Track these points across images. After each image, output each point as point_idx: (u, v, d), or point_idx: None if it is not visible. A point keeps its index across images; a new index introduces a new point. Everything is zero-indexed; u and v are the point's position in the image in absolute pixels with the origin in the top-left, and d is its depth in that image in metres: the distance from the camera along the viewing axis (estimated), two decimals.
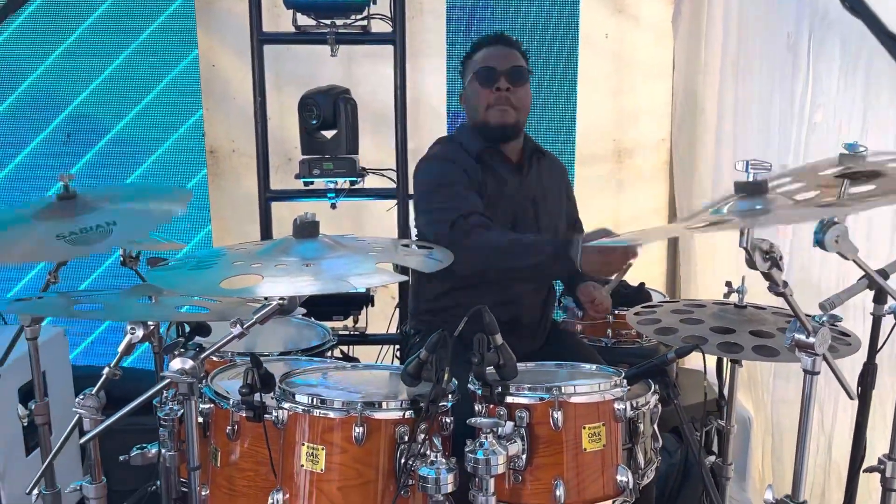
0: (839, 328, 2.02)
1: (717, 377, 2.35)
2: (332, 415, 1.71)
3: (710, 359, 2.07)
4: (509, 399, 1.77)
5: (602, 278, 2.26)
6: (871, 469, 2.04)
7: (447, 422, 1.79)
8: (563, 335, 2.70)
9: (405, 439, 1.70)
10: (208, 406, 1.93)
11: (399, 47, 3.20)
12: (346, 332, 3.25)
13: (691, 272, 4.04)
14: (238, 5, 3.44)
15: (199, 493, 1.69)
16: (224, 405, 1.90)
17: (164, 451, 1.98)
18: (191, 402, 1.61)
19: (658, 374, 1.97)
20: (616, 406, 1.82)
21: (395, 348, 3.37)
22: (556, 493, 1.74)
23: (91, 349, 3.86)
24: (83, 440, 1.67)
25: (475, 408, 1.83)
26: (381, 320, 3.39)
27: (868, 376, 2.04)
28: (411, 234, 3.15)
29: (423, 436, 1.68)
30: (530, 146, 2.60)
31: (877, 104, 2.45)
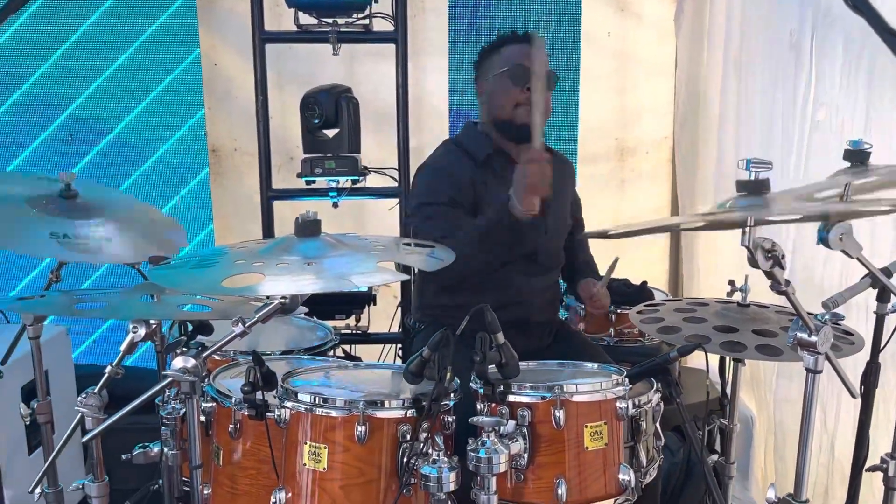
0: (842, 327, 2.01)
1: (719, 376, 2.35)
2: (335, 413, 1.71)
3: (713, 358, 2.06)
4: (511, 398, 1.78)
5: (542, 192, 2.17)
6: (873, 468, 2.04)
7: (449, 420, 1.79)
8: (569, 334, 2.70)
9: (407, 438, 1.70)
10: (210, 405, 1.93)
11: (401, 46, 3.20)
12: (349, 331, 3.25)
13: (694, 271, 4.04)
14: (240, 4, 3.44)
15: (202, 491, 1.69)
16: (226, 404, 1.90)
17: (166, 450, 1.98)
18: (193, 401, 1.60)
19: (660, 372, 1.96)
20: (618, 405, 1.81)
21: (398, 347, 3.37)
22: (558, 492, 1.74)
23: (93, 348, 3.86)
24: (85, 439, 1.68)
25: (477, 406, 1.83)
26: (384, 319, 3.38)
27: (871, 375, 2.04)
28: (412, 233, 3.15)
29: (425, 434, 1.69)
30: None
31: (879, 102, 2.45)
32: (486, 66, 2.50)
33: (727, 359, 2.26)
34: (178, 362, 1.55)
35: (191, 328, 1.94)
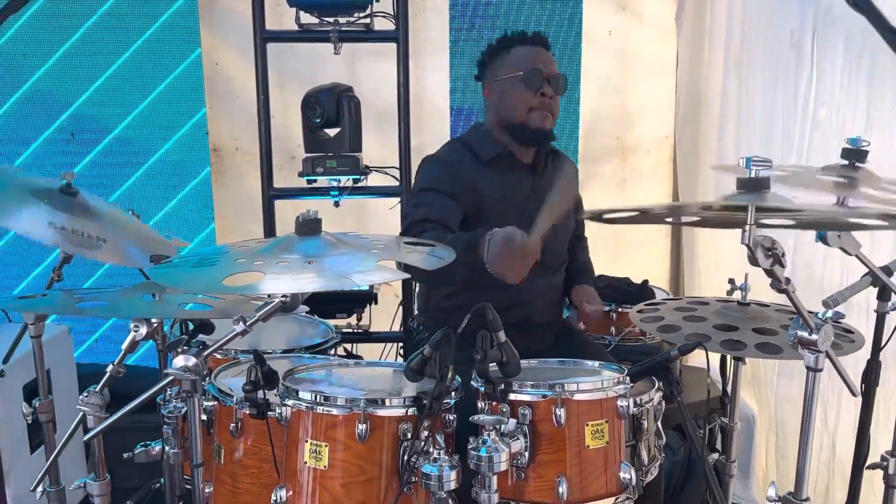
0: (842, 325, 2.01)
1: (720, 374, 2.35)
2: (336, 412, 1.71)
3: (714, 356, 2.06)
4: (512, 396, 1.78)
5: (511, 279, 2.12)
6: (874, 466, 2.05)
7: (450, 419, 1.79)
8: (571, 333, 2.69)
9: (408, 436, 1.70)
10: (212, 403, 1.94)
11: (402, 45, 3.20)
12: (350, 330, 3.26)
13: (695, 270, 4.04)
14: (241, 3, 3.45)
15: (203, 490, 1.69)
16: (227, 402, 1.90)
17: (167, 449, 1.99)
18: (194, 400, 1.61)
19: (661, 371, 1.97)
20: (619, 403, 1.81)
21: (399, 346, 3.38)
22: (559, 490, 1.74)
23: (95, 347, 3.87)
24: (87, 437, 1.68)
25: (478, 405, 1.83)
26: (385, 318, 3.39)
27: (872, 373, 2.04)
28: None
29: (426, 433, 1.69)
30: (545, 148, 2.53)
31: (880, 101, 2.45)
32: (495, 67, 2.45)
33: (728, 357, 2.26)
34: (180, 361, 1.56)
35: (192, 327, 1.94)
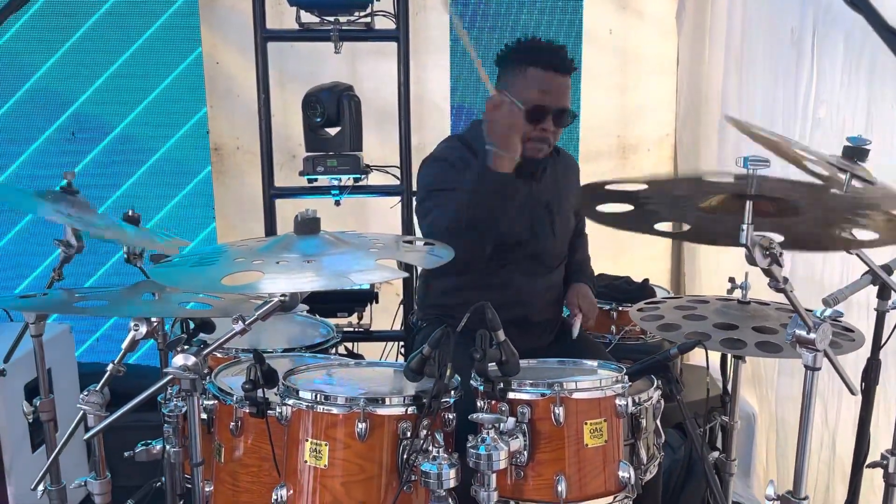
0: (842, 323, 2.01)
1: (720, 373, 2.35)
2: (336, 411, 1.71)
3: (714, 355, 2.07)
4: (511, 395, 1.78)
5: (516, 131, 2.14)
6: (874, 464, 2.05)
7: (449, 417, 1.79)
8: (570, 331, 2.69)
9: (408, 435, 1.70)
10: (212, 402, 1.94)
11: (402, 44, 3.20)
12: (351, 329, 3.26)
13: (695, 269, 4.04)
14: (241, 3, 3.45)
15: (203, 488, 1.70)
16: (228, 401, 1.91)
17: (168, 448, 1.99)
18: (193, 399, 1.61)
19: (660, 370, 1.97)
20: (618, 402, 1.81)
21: (400, 345, 3.38)
22: (558, 489, 1.74)
23: (96, 346, 3.88)
24: (87, 436, 1.68)
25: (477, 403, 1.83)
26: (386, 317, 3.39)
27: (871, 372, 2.04)
28: (415, 230, 3.15)
29: (425, 432, 1.69)
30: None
31: (881, 100, 2.44)
32: (507, 77, 2.40)
33: (728, 356, 2.26)
34: (179, 360, 1.56)
35: (192, 326, 1.95)
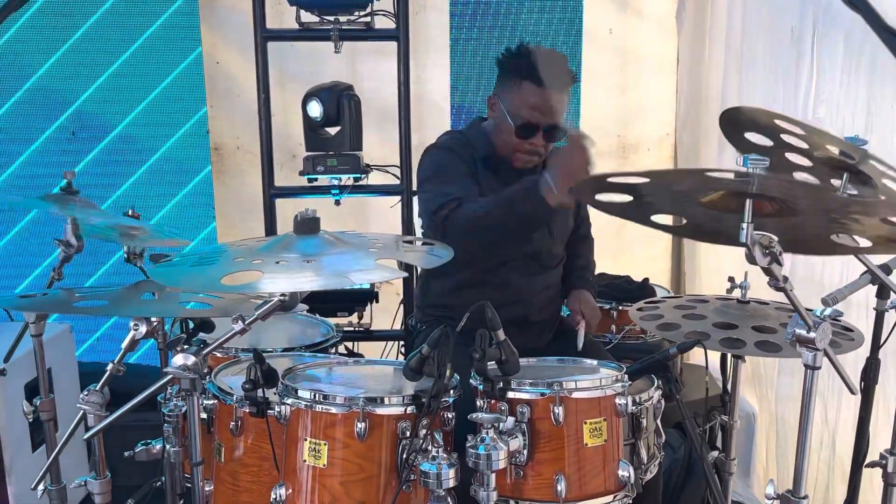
0: (842, 323, 2.01)
1: (720, 373, 2.35)
2: (335, 410, 1.72)
3: (714, 354, 2.07)
4: (511, 394, 1.78)
5: (581, 180, 2.13)
6: (872, 464, 2.05)
7: (449, 417, 1.79)
8: (570, 331, 2.69)
9: (407, 434, 1.70)
10: (212, 402, 1.94)
11: (402, 44, 3.20)
12: (351, 329, 3.26)
13: (696, 268, 4.04)
14: (241, 2, 3.45)
15: (203, 488, 1.70)
16: (227, 401, 1.91)
17: (168, 447, 1.99)
18: (193, 398, 1.61)
19: (660, 369, 1.97)
20: (617, 401, 1.82)
21: (400, 345, 3.38)
22: (558, 488, 1.75)
23: (97, 346, 3.88)
24: (87, 436, 1.69)
25: (477, 403, 1.83)
26: (386, 317, 3.39)
27: (871, 371, 2.04)
28: (416, 230, 3.16)
29: (424, 431, 1.69)
30: None
31: (881, 99, 2.44)
32: (502, 86, 2.41)
33: (728, 355, 2.26)
34: (179, 359, 1.56)
35: (192, 326, 1.95)
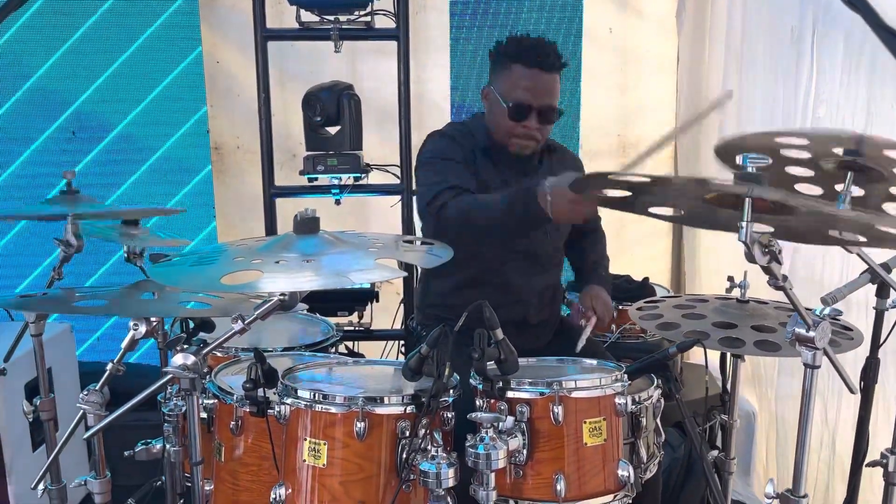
0: (841, 322, 2.01)
1: (720, 372, 2.35)
2: (334, 410, 1.72)
3: (714, 354, 2.06)
4: (510, 394, 1.78)
5: (575, 220, 2.14)
6: (873, 463, 2.04)
7: (448, 417, 1.79)
8: (570, 331, 2.70)
9: (406, 434, 1.70)
10: (212, 401, 1.94)
11: (403, 43, 3.20)
12: (351, 328, 3.26)
13: (696, 267, 4.04)
14: (241, 2, 3.45)
15: (203, 487, 1.70)
16: (228, 400, 1.91)
17: (168, 447, 1.99)
18: (192, 398, 1.61)
19: (659, 368, 1.97)
20: (617, 401, 1.82)
21: (400, 344, 3.38)
22: (557, 488, 1.75)
23: (98, 345, 3.88)
24: (86, 436, 1.69)
25: (476, 403, 1.84)
26: (386, 316, 3.39)
27: (870, 370, 2.04)
28: (416, 229, 3.16)
29: (424, 431, 1.69)
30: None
31: (881, 99, 2.44)
32: (494, 74, 2.43)
33: (728, 354, 2.26)
34: (178, 359, 1.56)
35: (193, 326, 1.95)
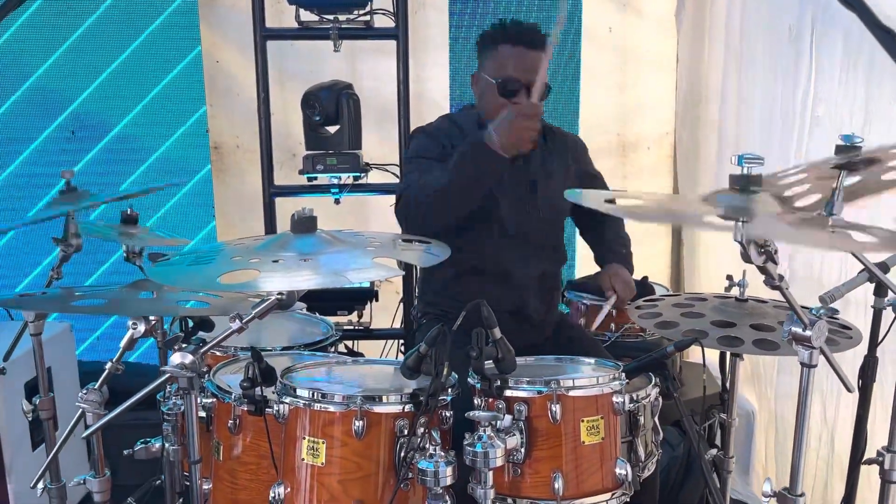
0: (839, 321, 2.01)
1: (719, 371, 2.36)
2: (333, 408, 1.72)
3: (713, 352, 2.06)
4: (508, 392, 1.79)
5: (523, 146, 2.21)
6: (869, 461, 2.05)
7: (446, 415, 1.80)
8: (569, 328, 2.70)
9: (405, 433, 1.71)
10: (210, 400, 1.94)
11: (402, 42, 3.20)
12: (351, 328, 3.27)
13: (695, 266, 4.04)
14: (241, 1, 3.45)
15: (201, 486, 1.70)
16: (226, 399, 1.91)
17: (167, 446, 2.00)
18: (191, 397, 1.62)
19: (657, 367, 1.97)
20: (615, 399, 1.82)
21: (400, 343, 3.38)
22: (555, 486, 1.75)
23: (97, 344, 3.88)
24: (85, 435, 1.70)
25: (474, 401, 1.84)
26: (386, 316, 3.39)
27: (869, 369, 2.04)
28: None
29: (422, 429, 1.69)
30: None
31: (879, 98, 2.44)
32: (482, 59, 2.45)
33: (727, 353, 2.27)
34: (177, 358, 1.57)
35: (192, 325, 1.95)
